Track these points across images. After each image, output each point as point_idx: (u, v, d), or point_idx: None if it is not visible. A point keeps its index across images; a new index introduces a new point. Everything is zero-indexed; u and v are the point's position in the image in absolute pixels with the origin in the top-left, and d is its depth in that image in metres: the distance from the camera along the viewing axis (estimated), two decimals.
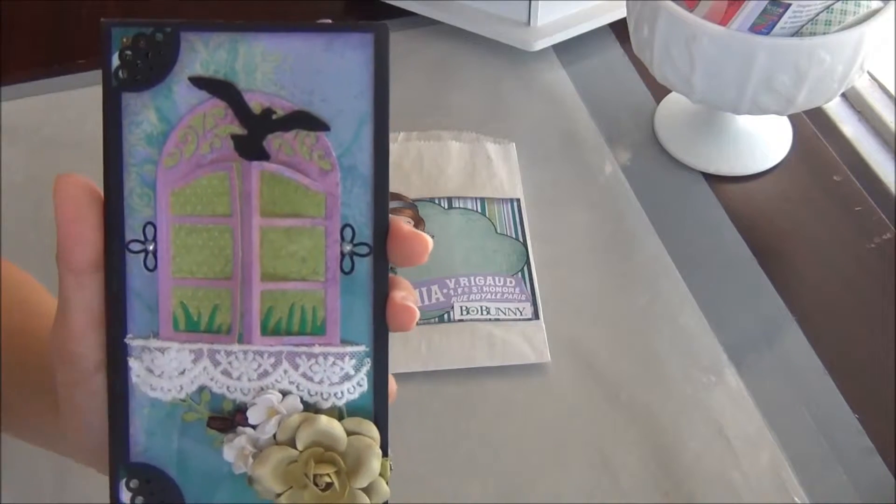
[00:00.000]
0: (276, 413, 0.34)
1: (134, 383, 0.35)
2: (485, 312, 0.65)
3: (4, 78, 0.82)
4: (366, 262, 0.34)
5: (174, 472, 0.35)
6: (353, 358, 0.35)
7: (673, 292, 0.68)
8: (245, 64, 0.33)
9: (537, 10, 0.82)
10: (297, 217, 0.34)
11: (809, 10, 0.64)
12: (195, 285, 0.34)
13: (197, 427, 0.35)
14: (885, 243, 0.71)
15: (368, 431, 0.35)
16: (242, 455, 0.34)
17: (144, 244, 0.34)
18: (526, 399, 0.62)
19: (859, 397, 0.62)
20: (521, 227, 0.71)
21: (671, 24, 0.66)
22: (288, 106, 0.33)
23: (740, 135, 0.76)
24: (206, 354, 0.34)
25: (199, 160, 0.33)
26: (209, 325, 0.34)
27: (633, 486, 0.58)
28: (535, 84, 0.83)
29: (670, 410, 0.62)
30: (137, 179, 0.33)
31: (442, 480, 0.59)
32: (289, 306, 0.34)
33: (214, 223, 0.34)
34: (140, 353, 0.34)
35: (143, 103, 0.33)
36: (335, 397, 0.35)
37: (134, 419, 0.35)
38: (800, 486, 0.58)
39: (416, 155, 0.75)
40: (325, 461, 0.34)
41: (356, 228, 0.34)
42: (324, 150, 0.33)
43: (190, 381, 0.35)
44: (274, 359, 0.34)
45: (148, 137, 0.33)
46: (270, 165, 0.33)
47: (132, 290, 0.34)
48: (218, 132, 0.33)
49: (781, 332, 0.66)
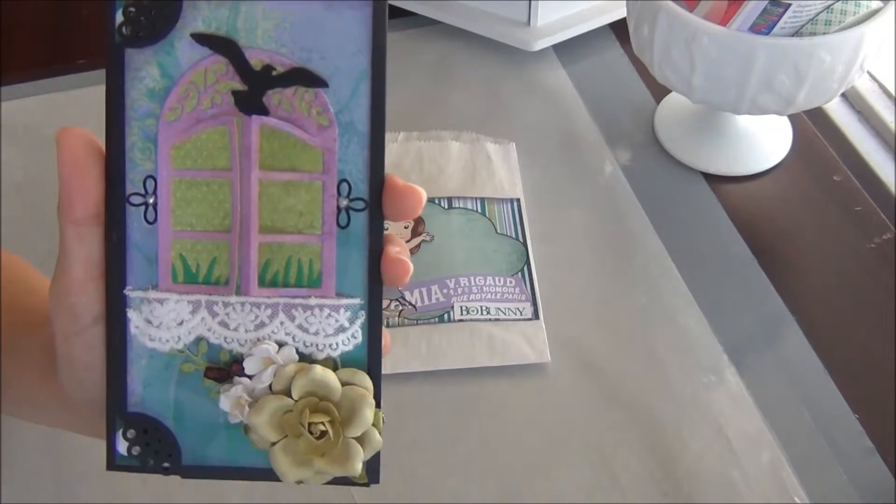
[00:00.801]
0: (272, 363, 0.35)
1: (132, 334, 0.35)
2: (485, 312, 0.65)
3: (4, 78, 0.82)
4: (361, 216, 0.35)
5: (171, 422, 0.36)
6: (348, 310, 0.35)
7: (673, 292, 0.68)
8: (246, 22, 0.33)
9: (537, 10, 0.82)
10: (296, 171, 0.34)
11: (809, 10, 0.64)
12: (194, 238, 0.35)
13: (194, 378, 0.36)
14: (885, 243, 0.71)
15: (362, 382, 0.35)
16: (238, 404, 0.35)
17: (145, 197, 0.34)
18: (526, 399, 0.63)
19: (859, 397, 0.62)
20: (521, 227, 0.71)
21: (671, 24, 0.66)
22: (287, 63, 0.34)
23: (740, 135, 0.76)
24: (203, 305, 0.35)
25: (199, 115, 0.34)
26: (207, 277, 0.35)
27: (633, 486, 0.58)
28: (535, 84, 0.83)
29: (670, 410, 0.62)
30: (139, 133, 0.34)
31: (442, 480, 0.59)
32: (286, 259, 0.35)
33: (214, 177, 0.34)
34: (139, 304, 0.35)
35: (146, 59, 0.34)
36: (330, 348, 0.35)
37: (131, 370, 0.36)
38: (800, 486, 0.58)
39: (416, 155, 0.75)
40: (319, 410, 0.35)
41: (352, 183, 0.34)
42: (322, 107, 0.34)
43: (188, 332, 0.35)
44: (271, 310, 0.35)
45: (150, 92, 0.34)
46: (270, 120, 0.34)
47: (132, 243, 0.35)
48: (219, 88, 0.34)
49: (781, 332, 0.66)
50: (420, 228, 0.70)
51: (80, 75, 0.83)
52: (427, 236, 0.69)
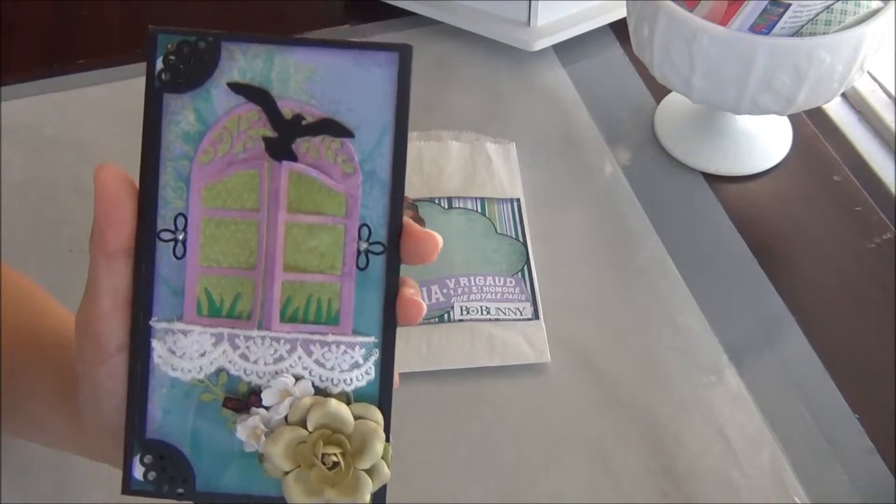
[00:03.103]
0: (289, 395, 0.37)
1: (155, 363, 0.37)
2: (485, 312, 0.65)
3: (4, 78, 0.82)
4: (380, 259, 0.37)
5: (187, 449, 0.37)
6: (363, 348, 0.37)
7: (673, 292, 0.68)
8: (279, 73, 0.36)
9: (537, 10, 0.82)
10: (320, 215, 0.36)
11: (809, 10, 0.64)
12: (220, 274, 0.37)
13: (212, 407, 0.37)
14: (885, 243, 0.71)
15: (374, 416, 0.37)
16: (255, 434, 0.36)
17: (174, 233, 0.36)
18: (526, 399, 0.63)
19: (859, 397, 0.62)
20: (521, 227, 0.71)
21: (671, 24, 0.66)
22: (317, 113, 0.36)
23: (740, 135, 0.76)
24: (226, 338, 0.37)
25: (231, 158, 0.36)
26: (231, 311, 0.37)
27: (633, 486, 0.58)
28: (535, 84, 0.83)
29: (670, 410, 0.62)
30: (173, 173, 0.36)
31: (442, 480, 0.59)
32: (306, 297, 0.37)
33: (242, 217, 0.36)
34: (163, 335, 0.37)
35: (183, 104, 0.36)
36: (344, 383, 0.37)
37: (152, 397, 0.37)
38: (800, 486, 0.58)
39: (416, 155, 0.75)
40: (332, 442, 0.36)
41: (372, 228, 0.37)
42: (347, 155, 0.36)
43: (209, 363, 0.37)
44: (290, 345, 0.37)
45: (185, 135, 0.36)
46: (298, 166, 0.36)
47: (160, 276, 0.36)
48: (251, 134, 0.36)
49: (781, 332, 0.66)
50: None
51: (80, 75, 0.83)
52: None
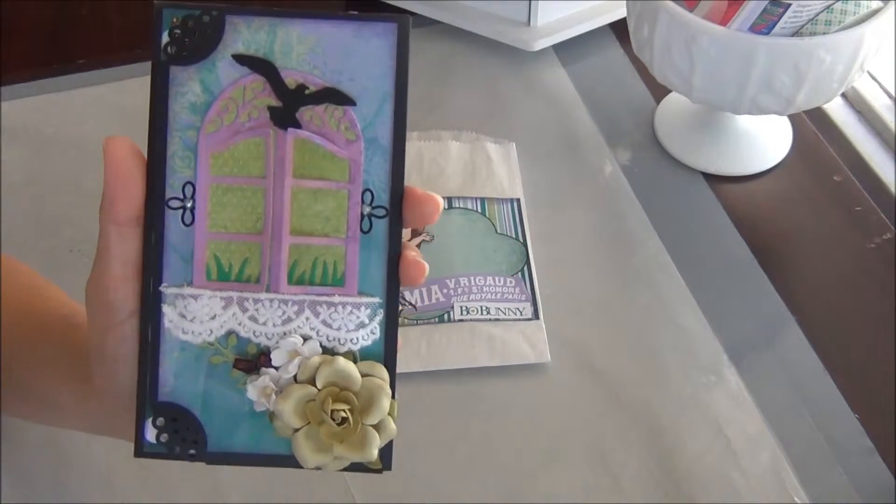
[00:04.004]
0: (297, 355, 0.38)
1: (166, 328, 0.38)
2: (485, 312, 0.65)
3: (4, 78, 0.82)
4: (382, 223, 0.38)
5: (198, 411, 0.38)
6: (368, 308, 0.38)
7: (673, 292, 0.68)
8: (282, 45, 0.37)
9: (537, 10, 0.82)
10: (324, 180, 0.37)
11: (809, 10, 0.64)
12: (228, 239, 0.38)
13: (222, 369, 0.38)
14: (885, 243, 0.71)
15: (380, 374, 0.38)
16: (265, 393, 0.37)
17: (183, 201, 0.37)
18: (526, 399, 0.63)
19: (859, 397, 0.62)
20: (521, 227, 0.71)
21: (671, 24, 0.66)
22: (319, 83, 0.37)
23: (740, 135, 0.76)
24: (235, 301, 0.38)
25: (238, 127, 0.37)
26: (239, 275, 0.38)
27: (633, 486, 0.58)
28: (535, 84, 0.83)
29: (670, 410, 0.62)
30: (180, 143, 0.37)
31: (442, 480, 0.59)
32: (312, 260, 0.38)
33: (249, 184, 0.37)
34: (174, 300, 0.38)
35: (189, 76, 0.37)
36: (351, 343, 0.38)
37: (163, 361, 0.38)
38: (800, 486, 0.58)
39: (416, 155, 0.75)
40: (340, 399, 0.37)
41: (375, 193, 0.38)
42: (350, 123, 0.37)
43: (219, 326, 0.38)
44: (297, 307, 0.38)
45: (192, 106, 0.37)
46: (303, 133, 0.37)
47: (169, 243, 0.37)
48: (256, 104, 0.37)
49: (781, 332, 0.66)
50: (420, 228, 0.70)
51: (80, 75, 0.83)
52: (427, 236, 0.69)
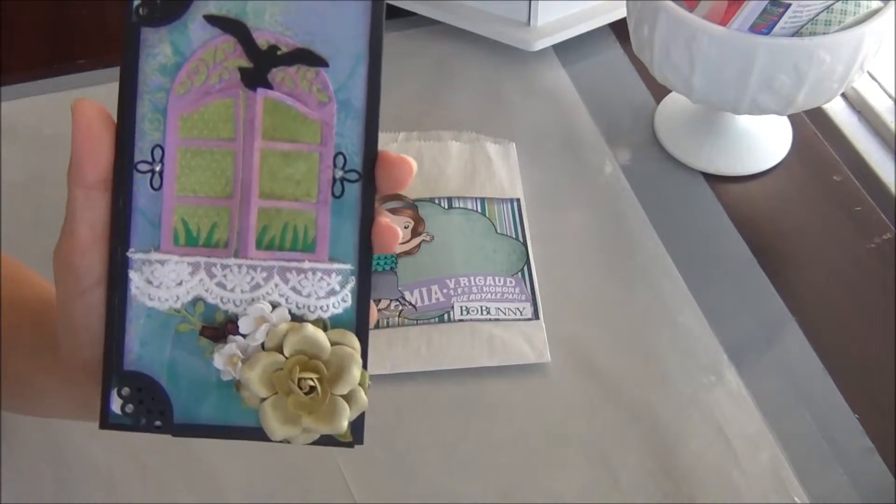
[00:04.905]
0: (265, 322, 0.37)
1: (132, 294, 0.37)
2: (485, 312, 0.65)
3: (4, 78, 0.82)
4: (355, 187, 0.37)
5: (165, 380, 0.37)
6: (339, 275, 0.37)
7: (673, 292, 0.68)
8: (255, 6, 0.36)
9: (537, 10, 0.82)
10: (295, 143, 0.37)
11: (809, 10, 0.64)
12: (196, 203, 0.37)
13: (189, 338, 0.37)
14: (885, 243, 0.71)
15: (351, 342, 0.37)
16: (232, 361, 0.36)
17: (152, 165, 0.36)
18: (526, 399, 0.62)
19: (859, 397, 0.62)
20: (521, 227, 0.71)
21: (671, 24, 0.66)
22: (292, 44, 0.36)
23: (740, 135, 0.76)
24: (203, 267, 0.37)
25: (208, 89, 0.36)
26: (208, 240, 0.37)
27: (633, 486, 0.58)
28: (535, 84, 0.83)
29: (670, 410, 0.62)
30: (150, 105, 0.36)
31: (442, 480, 0.59)
32: (282, 225, 0.37)
33: (218, 146, 0.37)
34: (141, 265, 0.37)
35: (160, 37, 0.36)
36: (321, 310, 0.37)
37: (130, 329, 0.37)
38: (800, 486, 0.58)
39: (416, 155, 0.75)
40: (309, 368, 0.36)
41: (347, 156, 0.37)
42: (322, 84, 0.36)
43: (186, 292, 0.37)
44: (266, 273, 0.37)
45: (162, 68, 0.36)
46: (273, 93, 0.36)
47: (137, 208, 0.37)
48: (227, 65, 0.36)
49: (781, 332, 0.66)
50: (420, 228, 0.70)
51: (80, 75, 0.83)
52: (427, 236, 0.69)
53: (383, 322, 0.65)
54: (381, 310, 0.65)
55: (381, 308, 0.65)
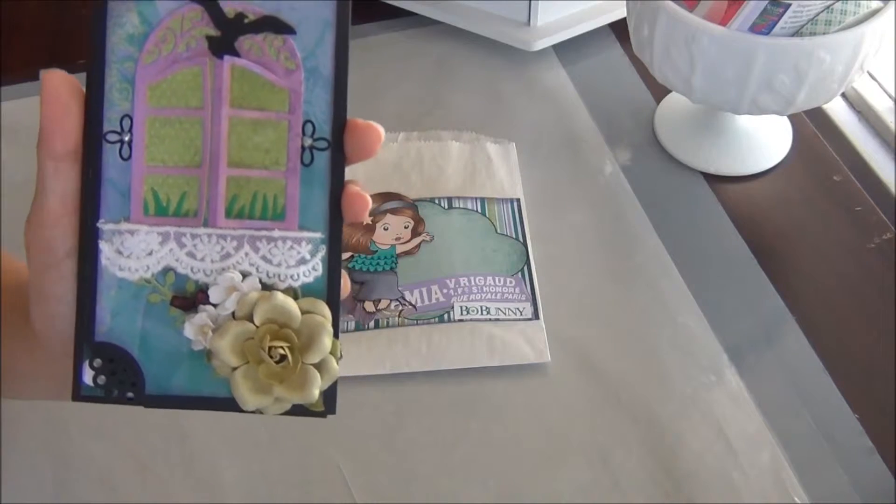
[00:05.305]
0: (235, 291, 0.37)
1: (103, 265, 0.37)
2: (485, 312, 0.65)
3: (4, 78, 0.82)
4: (324, 155, 0.37)
5: (136, 351, 0.37)
6: (310, 243, 0.37)
7: (673, 292, 0.68)
8: None
9: (537, 10, 0.82)
10: (263, 111, 0.36)
11: (809, 10, 0.64)
12: (166, 173, 0.37)
13: (160, 308, 0.37)
14: (885, 243, 0.71)
15: (321, 311, 0.37)
16: (202, 331, 0.36)
17: (121, 135, 0.36)
18: (526, 399, 0.63)
19: (859, 397, 0.62)
20: (521, 227, 0.71)
21: (671, 24, 0.66)
22: (258, 11, 0.36)
23: (740, 135, 0.76)
24: (172, 237, 0.37)
25: (175, 57, 0.36)
26: (177, 210, 0.37)
27: (633, 486, 0.58)
28: (535, 84, 0.83)
29: (670, 410, 0.62)
30: (118, 75, 0.36)
31: (442, 480, 0.59)
32: (252, 193, 0.37)
33: (187, 115, 0.36)
34: (111, 236, 0.37)
35: (127, 7, 0.36)
36: (291, 279, 0.37)
37: (101, 300, 0.37)
38: (800, 486, 0.58)
39: (416, 155, 0.75)
40: (279, 337, 0.36)
41: (316, 124, 0.37)
42: (289, 52, 0.36)
43: (156, 262, 0.37)
44: (236, 242, 0.37)
45: (129, 37, 0.36)
46: (241, 61, 0.36)
47: (107, 178, 0.37)
48: (194, 34, 0.36)
49: (781, 332, 0.66)
50: (420, 228, 0.70)
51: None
52: (427, 236, 0.69)
53: (383, 322, 0.65)
54: (380, 310, 0.65)
55: (380, 308, 0.65)
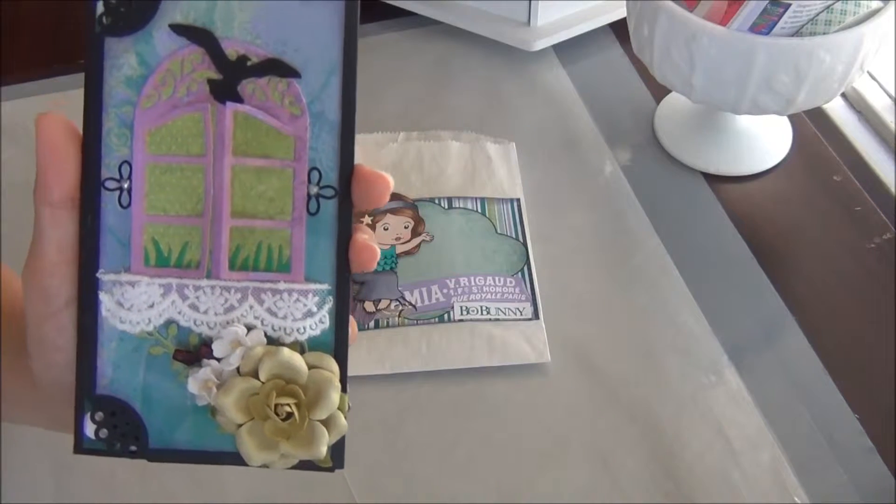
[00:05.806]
0: (240, 345, 0.35)
1: (103, 317, 0.36)
2: (485, 312, 0.65)
3: (4, 78, 0.82)
4: (331, 204, 0.35)
5: (139, 405, 0.36)
6: (317, 295, 0.36)
7: (673, 292, 0.68)
8: (223, 14, 0.34)
9: (537, 10, 0.82)
10: (268, 158, 0.35)
11: (809, 10, 0.64)
12: (167, 222, 0.35)
13: (163, 361, 0.36)
14: (885, 243, 0.71)
15: (329, 366, 0.36)
16: (206, 386, 0.35)
17: (120, 182, 0.35)
18: (526, 399, 0.62)
19: (859, 397, 0.62)
20: (521, 227, 0.71)
21: (671, 24, 0.66)
22: (262, 53, 0.35)
23: (740, 135, 0.76)
24: (174, 288, 0.36)
25: (175, 102, 0.35)
26: (179, 261, 0.36)
27: (633, 486, 0.58)
28: (535, 84, 0.83)
29: (670, 410, 0.62)
30: (116, 120, 0.35)
31: (442, 480, 0.59)
32: (256, 244, 0.36)
33: (188, 162, 0.35)
34: (111, 287, 0.36)
35: (125, 48, 0.35)
36: (298, 333, 0.36)
37: (102, 352, 0.36)
38: (800, 486, 0.58)
39: (416, 155, 0.75)
40: (286, 393, 0.35)
41: (323, 172, 0.35)
42: (294, 97, 0.35)
43: (158, 315, 0.36)
44: (240, 294, 0.36)
45: (127, 80, 0.35)
46: (244, 107, 0.35)
47: (106, 227, 0.35)
48: (195, 77, 0.35)
49: (781, 332, 0.66)
50: (420, 228, 0.70)
51: (81, 76, 0.82)
52: (427, 236, 0.69)
53: (383, 322, 0.65)
54: (380, 310, 0.65)
55: (381, 308, 0.65)
